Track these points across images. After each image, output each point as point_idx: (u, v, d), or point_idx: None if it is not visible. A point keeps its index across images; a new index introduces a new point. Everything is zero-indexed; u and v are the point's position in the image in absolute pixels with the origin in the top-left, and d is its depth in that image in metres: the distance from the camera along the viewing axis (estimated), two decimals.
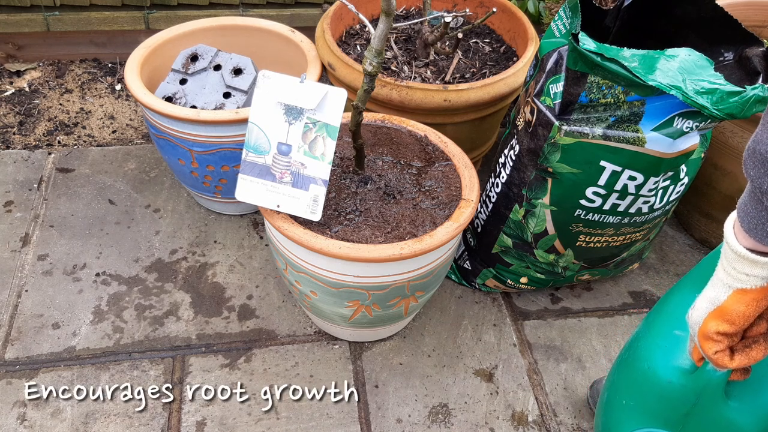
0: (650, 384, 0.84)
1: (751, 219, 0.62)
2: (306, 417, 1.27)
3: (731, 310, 0.67)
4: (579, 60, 1.08)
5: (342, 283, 1.15)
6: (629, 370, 0.90)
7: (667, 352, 0.81)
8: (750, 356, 0.70)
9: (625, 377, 0.91)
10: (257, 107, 1.09)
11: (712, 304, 0.69)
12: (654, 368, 0.83)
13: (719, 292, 0.68)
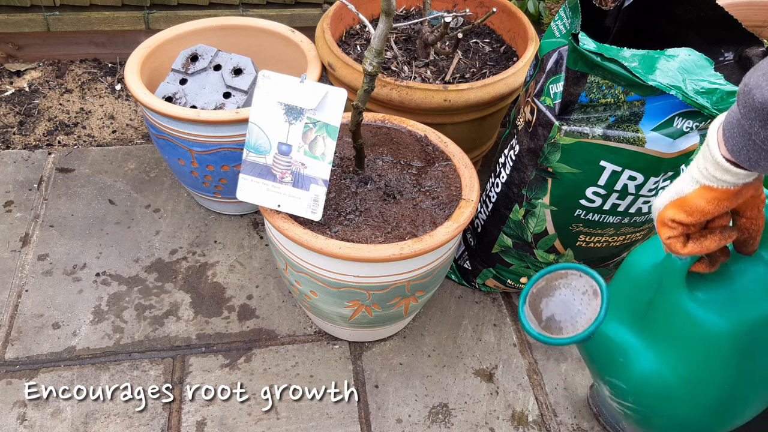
0: (626, 271, 0.85)
1: (736, 143, 0.63)
2: (306, 417, 1.27)
3: (691, 203, 0.69)
4: (579, 60, 1.08)
5: (342, 283, 1.15)
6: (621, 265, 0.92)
7: (648, 241, 0.83)
8: (703, 245, 0.72)
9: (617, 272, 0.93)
10: (257, 107, 1.09)
11: (676, 194, 0.71)
12: (633, 255, 0.84)
13: (686, 184, 0.70)
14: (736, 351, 0.75)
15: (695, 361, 0.78)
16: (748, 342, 0.75)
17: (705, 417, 0.81)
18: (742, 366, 0.76)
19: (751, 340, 0.75)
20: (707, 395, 0.79)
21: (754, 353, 0.76)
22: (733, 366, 0.76)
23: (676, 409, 0.82)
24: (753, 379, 0.77)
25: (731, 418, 0.80)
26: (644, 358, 0.81)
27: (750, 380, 0.77)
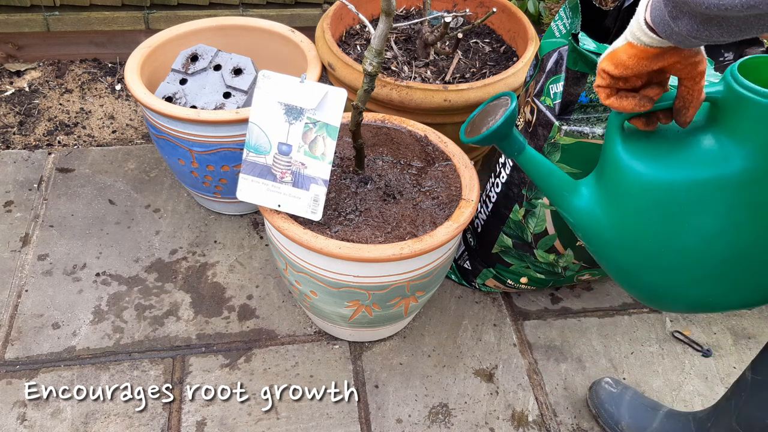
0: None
1: (657, 16, 0.69)
2: (306, 417, 1.27)
3: (617, 57, 0.76)
4: (579, 60, 1.08)
5: (342, 283, 1.15)
6: None
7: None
8: (621, 103, 0.79)
9: None
10: (257, 107, 1.09)
11: (612, 47, 0.78)
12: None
13: (620, 41, 0.77)
14: (657, 206, 0.80)
15: (620, 206, 0.83)
16: (668, 200, 0.79)
17: (643, 269, 0.85)
18: (668, 223, 0.80)
19: (672, 200, 0.79)
20: (636, 244, 0.83)
21: (680, 214, 0.79)
22: (656, 220, 0.80)
23: (610, 252, 0.88)
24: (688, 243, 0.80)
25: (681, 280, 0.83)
26: (584, 196, 0.88)
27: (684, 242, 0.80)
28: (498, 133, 0.87)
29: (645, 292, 0.89)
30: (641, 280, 0.87)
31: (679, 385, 1.39)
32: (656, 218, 0.80)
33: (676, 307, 0.89)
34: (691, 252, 0.80)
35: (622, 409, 1.25)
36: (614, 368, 1.41)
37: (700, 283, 0.82)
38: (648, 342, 1.47)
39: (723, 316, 1.54)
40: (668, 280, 0.84)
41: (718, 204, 0.77)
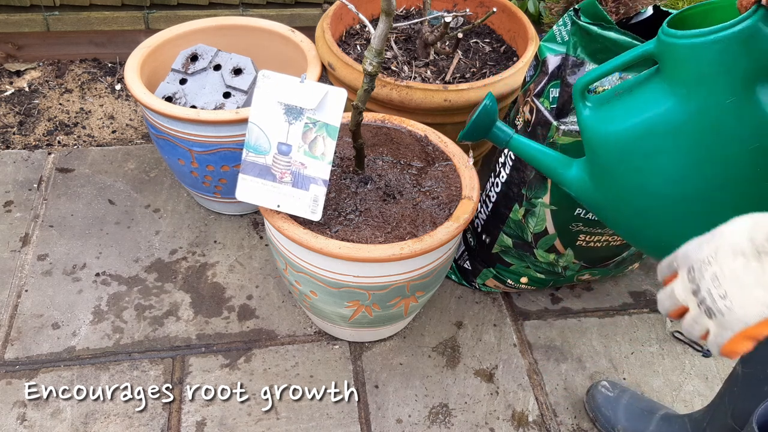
0: None
1: None
2: (306, 417, 1.27)
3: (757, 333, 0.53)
4: (579, 43, 1.09)
5: (342, 283, 1.15)
6: None
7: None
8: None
9: None
10: (257, 107, 1.09)
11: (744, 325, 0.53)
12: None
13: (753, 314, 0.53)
14: (621, 158, 0.85)
15: (596, 166, 0.90)
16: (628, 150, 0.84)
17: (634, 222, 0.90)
18: (635, 173, 0.85)
19: (632, 149, 0.84)
20: (619, 200, 0.89)
21: (642, 162, 0.84)
22: (624, 172, 0.86)
23: (607, 213, 0.93)
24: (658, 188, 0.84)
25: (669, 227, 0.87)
26: (574, 167, 0.95)
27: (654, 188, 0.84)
28: (476, 127, 0.99)
29: (647, 246, 0.93)
30: (639, 234, 0.92)
31: (680, 385, 1.39)
32: (624, 170, 0.86)
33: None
34: (664, 197, 0.84)
35: (618, 413, 1.25)
36: (614, 368, 1.41)
37: (686, 228, 0.84)
38: (648, 342, 1.47)
39: None
40: (657, 229, 0.88)
41: (670, 146, 0.81)
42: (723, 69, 0.76)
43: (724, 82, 0.76)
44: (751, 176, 0.80)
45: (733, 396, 1.05)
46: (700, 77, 0.77)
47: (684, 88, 0.79)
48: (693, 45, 0.76)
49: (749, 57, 0.74)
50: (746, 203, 0.80)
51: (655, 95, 0.82)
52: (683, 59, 0.78)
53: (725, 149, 0.79)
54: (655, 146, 0.82)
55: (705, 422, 1.13)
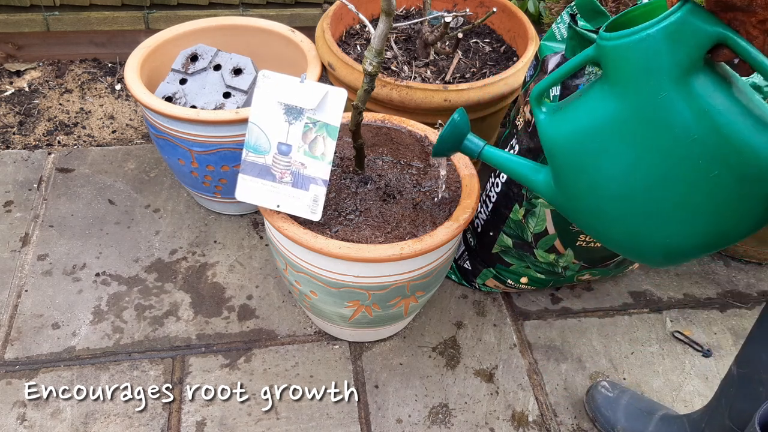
0: None
1: None
2: (306, 417, 1.27)
3: None
4: (578, 46, 1.09)
5: (342, 283, 1.15)
6: None
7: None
8: None
9: None
10: (257, 107, 1.09)
11: None
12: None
13: None
14: (573, 159, 0.89)
15: (556, 170, 0.93)
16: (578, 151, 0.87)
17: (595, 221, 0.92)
18: (587, 173, 0.88)
19: (581, 150, 0.87)
20: (578, 201, 0.92)
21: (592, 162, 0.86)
22: (578, 173, 0.89)
23: (572, 215, 0.96)
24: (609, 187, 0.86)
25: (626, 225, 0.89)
26: (542, 173, 0.98)
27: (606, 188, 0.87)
28: (446, 143, 1.03)
29: (614, 245, 0.95)
30: (603, 234, 0.94)
31: (680, 385, 1.39)
32: (577, 171, 0.89)
33: (659, 257, 0.93)
34: (614, 195, 0.87)
35: (618, 414, 1.25)
36: (614, 368, 1.41)
37: (640, 225, 0.88)
38: (648, 342, 1.47)
39: (723, 317, 1.53)
40: (615, 228, 0.90)
41: (613, 145, 0.84)
42: (654, 65, 0.77)
43: (657, 77, 0.78)
44: (693, 169, 0.81)
45: (730, 397, 1.06)
46: (633, 75, 0.79)
47: (621, 87, 0.81)
48: (624, 45, 0.78)
49: (679, 50, 0.76)
50: (692, 198, 0.82)
51: (597, 97, 0.85)
52: (617, 59, 0.80)
53: (665, 144, 0.80)
54: (601, 146, 0.85)
55: (703, 423, 1.13)
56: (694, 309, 1.55)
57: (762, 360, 0.98)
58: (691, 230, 0.85)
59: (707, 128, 0.78)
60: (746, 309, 1.56)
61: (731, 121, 0.78)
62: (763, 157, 0.78)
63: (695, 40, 0.75)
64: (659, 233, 0.87)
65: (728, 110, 0.78)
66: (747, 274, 1.65)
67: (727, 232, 0.85)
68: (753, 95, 0.81)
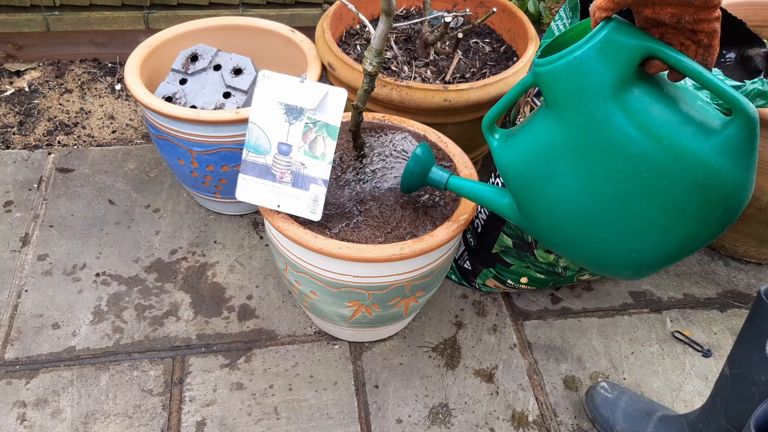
0: None
1: None
2: (306, 417, 1.27)
3: None
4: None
5: (342, 283, 1.15)
6: None
7: None
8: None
9: None
10: (257, 107, 1.09)
11: None
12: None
13: None
14: (525, 182, 0.91)
15: (513, 194, 0.95)
16: (529, 175, 0.89)
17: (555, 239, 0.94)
18: (538, 195, 0.90)
19: (532, 174, 0.89)
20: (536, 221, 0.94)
21: (541, 184, 0.88)
22: (531, 195, 0.91)
23: (534, 233, 0.98)
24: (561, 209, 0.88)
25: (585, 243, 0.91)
26: (506, 198, 1.01)
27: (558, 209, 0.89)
28: (411, 177, 1.08)
29: (579, 260, 0.96)
30: (566, 251, 0.95)
31: (680, 385, 1.39)
32: (530, 194, 0.91)
33: (627, 270, 0.94)
34: (568, 216, 0.88)
35: (617, 415, 1.25)
36: (614, 368, 1.41)
37: (595, 243, 0.89)
38: (648, 342, 1.47)
39: (723, 317, 1.54)
40: (574, 246, 0.92)
41: (558, 167, 0.85)
42: (586, 85, 0.78)
43: (591, 96, 0.78)
44: (640, 184, 0.81)
45: (724, 397, 1.06)
46: (568, 97, 0.80)
47: (559, 111, 0.82)
48: (555, 69, 0.79)
49: (608, 68, 0.76)
50: (646, 211, 0.83)
51: (540, 122, 0.86)
52: (551, 84, 0.81)
53: (608, 162, 0.81)
54: (549, 169, 0.86)
55: (701, 423, 1.13)
56: (694, 309, 1.55)
57: (753, 360, 0.99)
58: (652, 242, 0.86)
59: (648, 141, 0.78)
60: (746, 309, 1.56)
61: (672, 131, 0.78)
62: (708, 163, 0.78)
63: (623, 56, 0.76)
64: (621, 248, 0.88)
65: (667, 121, 0.78)
66: (747, 274, 1.65)
67: (690, 239, 0.86)
68: (695, 101, 0.82)
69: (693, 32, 0.75)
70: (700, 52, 0.76)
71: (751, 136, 0.78)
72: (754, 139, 0.78)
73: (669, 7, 0.73)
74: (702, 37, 0.75)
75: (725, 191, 0.80)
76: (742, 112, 0.76)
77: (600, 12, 0.76)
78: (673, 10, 0.73)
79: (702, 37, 0.75)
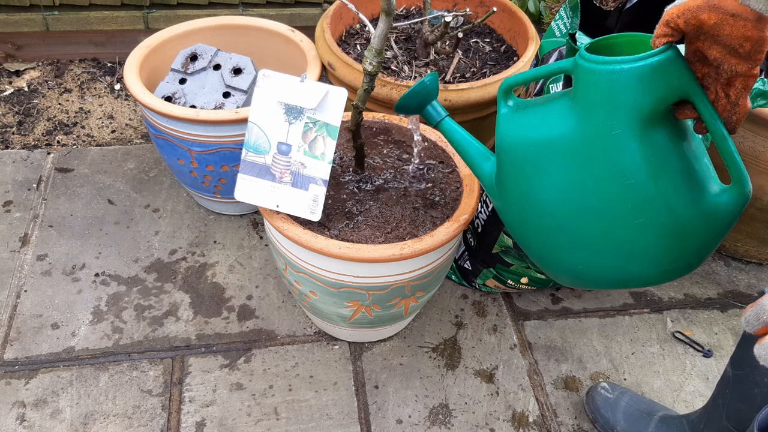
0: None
1: None
2: (306, 417, 1.27)
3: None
4: None
5: (342, 283, 1.15)
6: None
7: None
8: None
9: None
10: (257, 107, 1.09)
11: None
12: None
13: None
14: (516, 164, 0.89)
15: (499, 168, 0.93)
16: (524, 159, 0.87)
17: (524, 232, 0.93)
18: (526, 183, 0.88)
19: (527, 158, 0.87)
20: (511, 207, 0.92)
21: (534, 173, 0.87)
22: (517, 180, 0.89)
23: (504, 217, 0.96)
24: (545, 202, 0.87)
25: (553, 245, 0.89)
26: (491, 162, 0.98)
27: (542, 202, 0.87)
28: (411, 99, 1.01)
29: (537, 260, 0.95)
30: (522, 237, 0.94)
31: (680, 385, 1.39)
32: (517, 176, 0.89)
33: (564, 275, 0.93)
34: (544, 213, 0.87)
35: (617, 415, 1.25)
36: (615, 369, 1.41)
37: (568, 248, 0.88)
38: (649, 342, 1.46)
39: (724, 317, 1.53)
40: (542, 245, 0.91)
41: (558, 163, 0.84)
42: (618, 100, 0.77)
43: (617, 113, 0.77)
44: (620, 211, 0.81)
45: (726, 398, 1.06)
46: (597, 102, 0.79)
47: (582, 110, 0.81)
48: (597, 70, 0.77)
49: (646, 95, 0.75)
50: (612, 236, 0.83)
51: (560, 110, 0.84)
52: (588, 82, 0.79)
53: (603, 178, 0.81)
54: (546, 158, 0.85)
55: (702, 424, 1.13)
56: (694, 309, 1.55)
57: (756, 362, 0.98)
58: (601, 263, 0.86)
59: (648, 178, 0.79)
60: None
61: (673, 179, 0.79)
62: (691, 220, 0.80)
63: (665, 89, 0.75)
64: (571, 255, 0.88)
65: (674, 168, 0.79)
66: (748, 274, 1.65)
67: (636, 275, 0.86)
68: (703, 157, 0.82)
69: (728, 84, 0.75)
70: (727, 108, 0.76)
71: (738, 212, 0.79)
72: (738, 215, 0.80)
73: (716, 48, 0.72)
74: (733, 92, 0.74)
75: (694, 248, 0.82)
76: (741, 187, 0.77)
77: (661, 39, 0.74)
78: (718, 53, 0.72)
79: (733, 92, 0.74)
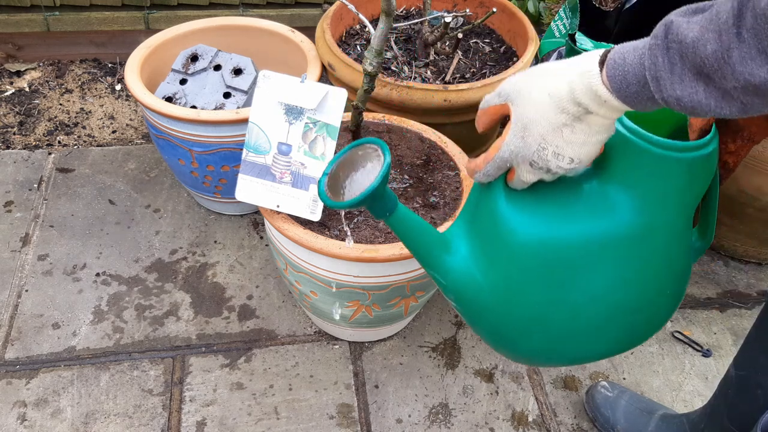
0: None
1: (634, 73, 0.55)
2: (306, 417, 1.27)
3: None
4: None
5: (342, 283, 1.15)
6: None
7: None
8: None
9: None
10: (257, 107, 1.09)
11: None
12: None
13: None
14: (545, 266, 0.71)
15: (501, 266, 0.73)
16: (557, 259, 0.71)
17: (524, 332, 0.76)
18: (557, 284, 0.72)
19: (561, 259, 0.71)
20: (519, 307, 0.74)
21: (569, 274, 0.71)
22: (542, 281, 0.72)
23: (488, 316, 0.77)
24: (576, 304, 0.73)
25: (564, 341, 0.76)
26: (460, 253, 0.76)
27: (572, 304, 0.73)
28: (373, 195, 0.70)
29: (524, 355, 0.81)
30: (521, 344, 0.79)
31: (680, 385, 1.39)
32: (543, 279, 0.71)
33: (552, 364, 0.85)
34: (578, 313, 0.73)
35: (617, 414, 1.25)
36: (614, 368, 1.41)
37: (581, 341, 0.77)
38: (648, 342, 1.47)
39: (723, 317, 1.53)
40: (551, 342, 0.77)
41: (608, 261, 0.70)
42: (693, 186, 0.70)
43: (690, 200, 0.71)
44: (659, 301, 0.75)
45: (728, 398, 1.06)
46: (674, 192, 0.69)
47: (644, 198, 0.69)
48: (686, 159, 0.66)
49: (702, 181, 0.70)
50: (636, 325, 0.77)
51: (603, 199, 0.70)
52: (654, 168, 0.67)
53: (656, 269, 0.73)
54: (591, 257, 0.70)
55: (702, 423, 1.13)
56: (693, 309, 1.55)
57: (760, 363, 0.98)
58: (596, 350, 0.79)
59: (688, 264, 0.78)
60: (746, 309, 1.56)
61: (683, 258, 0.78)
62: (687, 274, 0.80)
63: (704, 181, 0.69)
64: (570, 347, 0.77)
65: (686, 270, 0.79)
66: (747, 274, 1.65)
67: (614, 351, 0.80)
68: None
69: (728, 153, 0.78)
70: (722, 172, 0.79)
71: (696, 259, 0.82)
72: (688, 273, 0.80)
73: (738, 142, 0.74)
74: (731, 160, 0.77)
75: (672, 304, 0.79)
76: (709, 239, 0.81)
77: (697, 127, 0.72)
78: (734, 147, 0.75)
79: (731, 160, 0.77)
